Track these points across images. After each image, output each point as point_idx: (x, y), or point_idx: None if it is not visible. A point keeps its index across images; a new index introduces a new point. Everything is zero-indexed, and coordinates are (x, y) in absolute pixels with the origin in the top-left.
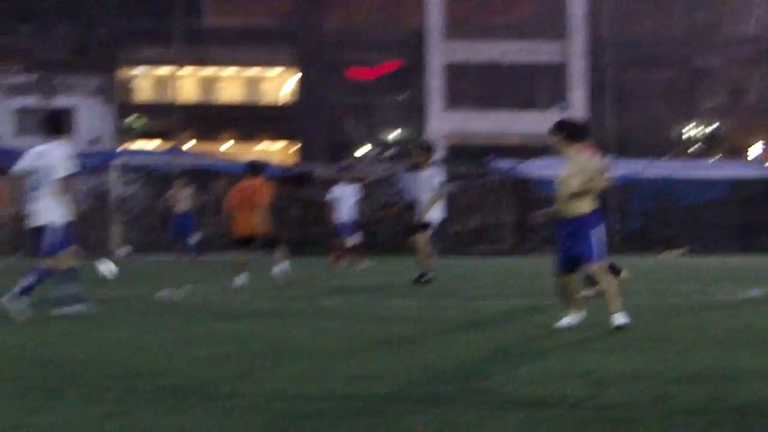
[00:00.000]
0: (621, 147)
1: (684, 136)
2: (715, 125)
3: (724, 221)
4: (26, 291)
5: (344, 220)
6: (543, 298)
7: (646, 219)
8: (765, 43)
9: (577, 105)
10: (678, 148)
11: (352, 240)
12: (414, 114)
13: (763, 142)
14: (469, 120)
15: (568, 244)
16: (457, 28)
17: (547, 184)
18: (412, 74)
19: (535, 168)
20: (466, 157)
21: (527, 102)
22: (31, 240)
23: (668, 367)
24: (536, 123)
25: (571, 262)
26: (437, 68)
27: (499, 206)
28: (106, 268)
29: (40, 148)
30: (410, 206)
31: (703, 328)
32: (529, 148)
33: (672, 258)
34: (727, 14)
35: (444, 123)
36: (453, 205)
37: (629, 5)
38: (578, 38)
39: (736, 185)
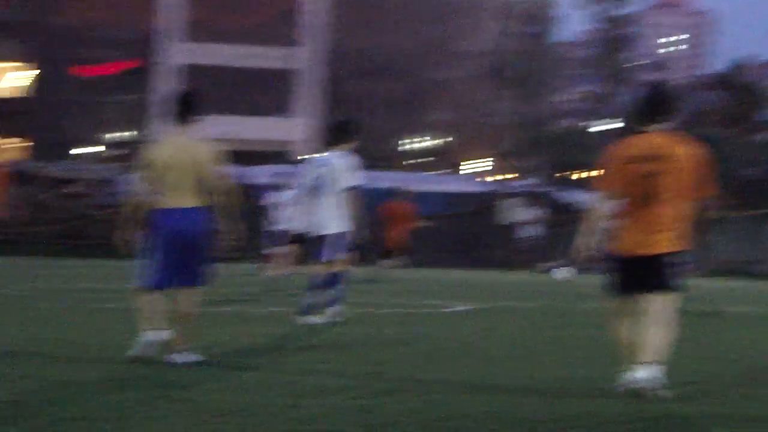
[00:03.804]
0: None
1: (409, 149)
2: (440, 139)
3: (443, 235)
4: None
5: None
6: (250, 306)
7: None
8: (491, 60)
9: (305, 112)
10: (402, 161)
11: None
12: (144, 115)
13: (486, 157)
14: (205, 123)
15: None
16: (191, 30)
17: (270, 190)
18: (143, 74)
19: (260, 174)
20: None
21: (256, 108)
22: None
23: (372, 378)
24: (262, 129)
25: None
26: (167, 69)
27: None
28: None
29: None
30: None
31: (409, 342)
32: (255, 154)
33: (389, 270)
34: (455, 29)
35: None
36: None
37: (361, 16)
38: (309, 46)
39: (456, 199)
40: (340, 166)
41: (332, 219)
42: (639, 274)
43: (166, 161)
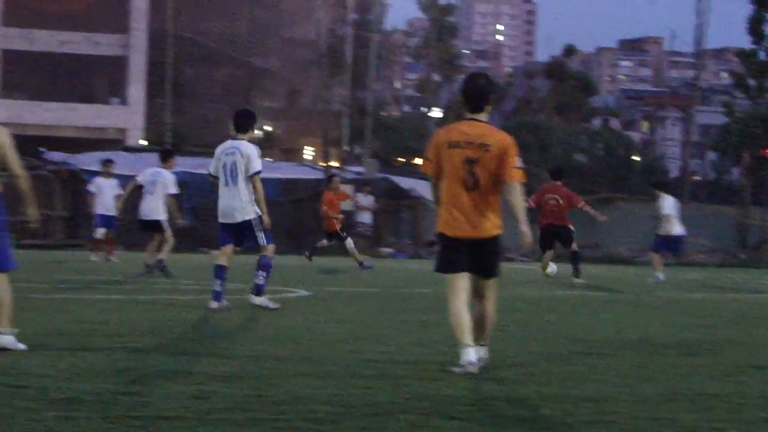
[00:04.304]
0: (177, 143)
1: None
2: (271, 125)
3: (276, 222)
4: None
5: (103, 212)
6: (87, 293)
7: (197, 217)
8: (321, 47)
9: (136, 99)
10: None
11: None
12: None
13: (319, 143)
14: (23, 110)
15: None
16: (14, 14)
17: (97, 176)
18: None
19: (88, 161)
20: (18, 148)
21: (84, 94)
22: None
23: (208, 365)
24: (93, 116)
25: None
26: None
27: (51, 199)
28: None
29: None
30: None
31: (252, 327)
32: (84, 141)
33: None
34: (286, 17)
35: None
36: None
37: (192, 1)
38: (139, 32)
39: (288, 186)
40: (249, 153)
41: (249, 204)
42: (466, 256)
43: None
